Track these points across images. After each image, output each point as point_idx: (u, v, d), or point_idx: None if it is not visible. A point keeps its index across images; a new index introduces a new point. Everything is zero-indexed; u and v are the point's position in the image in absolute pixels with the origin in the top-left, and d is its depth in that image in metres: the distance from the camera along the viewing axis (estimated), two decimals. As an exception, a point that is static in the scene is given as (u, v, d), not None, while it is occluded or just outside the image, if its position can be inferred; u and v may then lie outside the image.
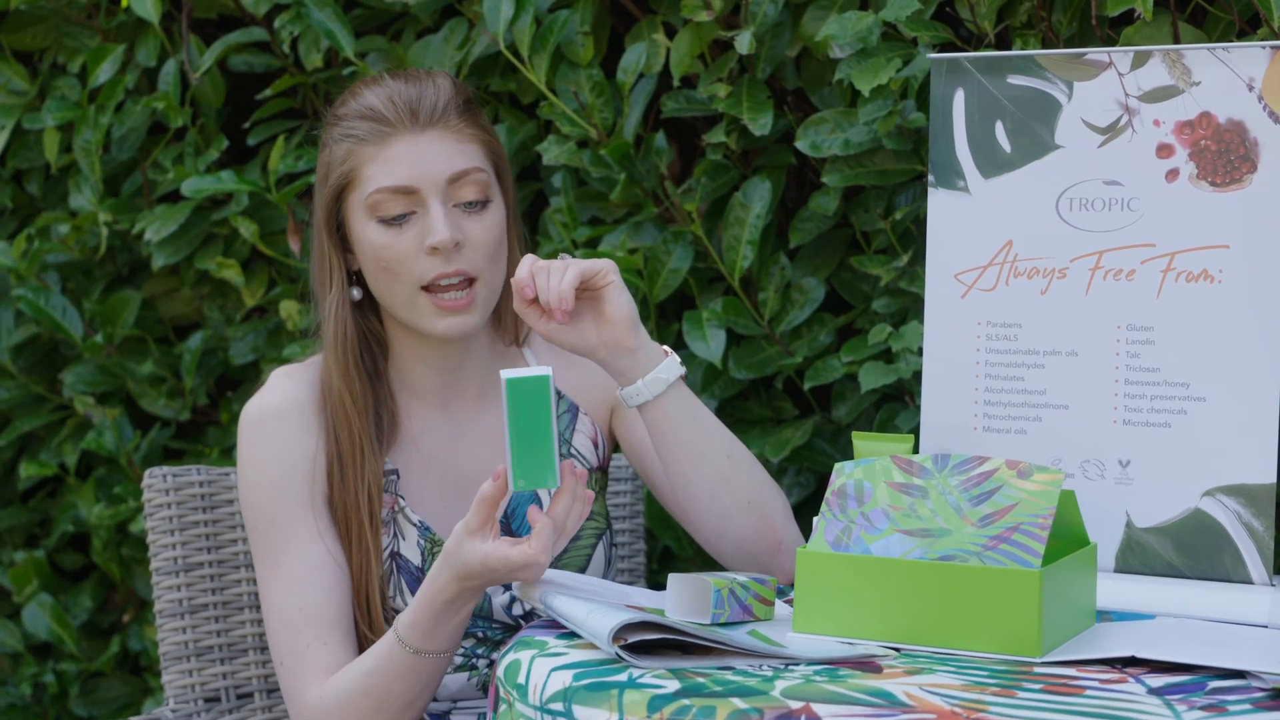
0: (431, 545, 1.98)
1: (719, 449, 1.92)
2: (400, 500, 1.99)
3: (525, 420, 1.66)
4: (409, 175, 1.92)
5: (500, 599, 1.99)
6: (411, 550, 1.98)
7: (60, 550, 3.08)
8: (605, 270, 1.84)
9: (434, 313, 1.93)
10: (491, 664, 1.99)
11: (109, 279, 2.96)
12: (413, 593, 1.95)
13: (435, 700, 2.00)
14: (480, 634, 2.00)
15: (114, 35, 2.83)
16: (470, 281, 1.94)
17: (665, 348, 1.90)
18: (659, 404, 1.88)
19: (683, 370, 1.89)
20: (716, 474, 1.91)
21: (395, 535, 1.98)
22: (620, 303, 1.85)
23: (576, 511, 1.73)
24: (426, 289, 1.93)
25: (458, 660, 2.00)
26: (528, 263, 1.84)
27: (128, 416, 2.92)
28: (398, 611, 1.93)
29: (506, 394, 1.66)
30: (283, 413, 1.98)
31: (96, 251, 2.89)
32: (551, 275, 1.82)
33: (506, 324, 2.06)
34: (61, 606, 3.01)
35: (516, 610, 2.00)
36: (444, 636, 1.81)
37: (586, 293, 1.85)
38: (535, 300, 1.84)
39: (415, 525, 1.98)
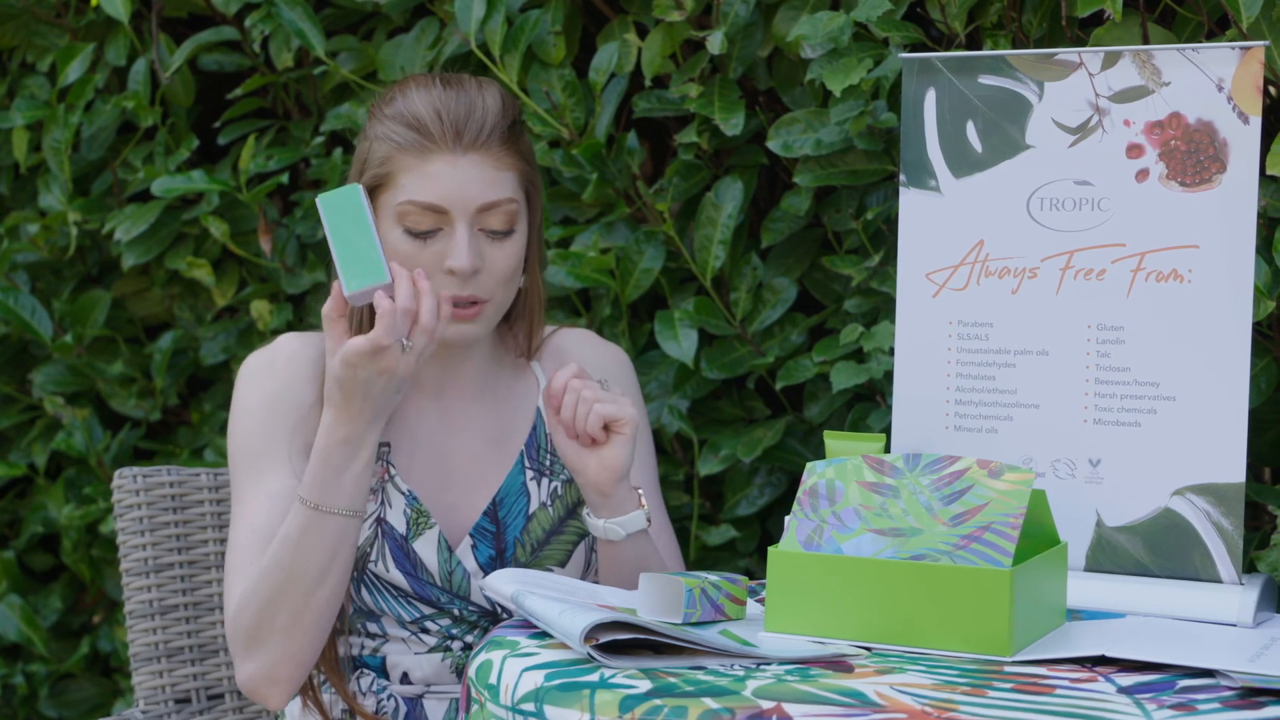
0: (417, 515, 1.99)
1: None
2: (391, 469, 2.01)
3: (343, 229, 1.80)
4: (442, 195, 1.93)
5: (479, 580, 2.00)
6: (398, 518, 1.99)
7: (30, 551, 3.07)
8: (625, 421, 1.91)
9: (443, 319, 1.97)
10: (466, 647, 2.00)
11: (79, 279, 2.94)
12: (395, 559, 1.98)
13: (409, 684, 2.01)
14: (456, 612, 2.01)
15: (83, 34, 2.82)
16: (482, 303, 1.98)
17: (641, 496, 1.96)
18: (613, 544, 1.96)
19: (645, 524, 1.96)
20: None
21: (383, 503, 2.00)
22: (621, 455, 1.92)
23: (428, 305, 1.81)
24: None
25: (431, 641, 2.01)
26: (566, 374, 1.91)
27: (97, 417, 2.91)
28: (378, 576, 1.98)
29: (321, 212, 1.81)
30: (283, 361, 2.04)
31: (66, 251, 2.88)
32: (580, 405, 1.91)
33: (516, 335, 2.10)
34: (31, 607, 2.99)
35: None
36: (343, 489, 1.87)
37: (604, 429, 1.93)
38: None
39: (404, 494, 2.00)
